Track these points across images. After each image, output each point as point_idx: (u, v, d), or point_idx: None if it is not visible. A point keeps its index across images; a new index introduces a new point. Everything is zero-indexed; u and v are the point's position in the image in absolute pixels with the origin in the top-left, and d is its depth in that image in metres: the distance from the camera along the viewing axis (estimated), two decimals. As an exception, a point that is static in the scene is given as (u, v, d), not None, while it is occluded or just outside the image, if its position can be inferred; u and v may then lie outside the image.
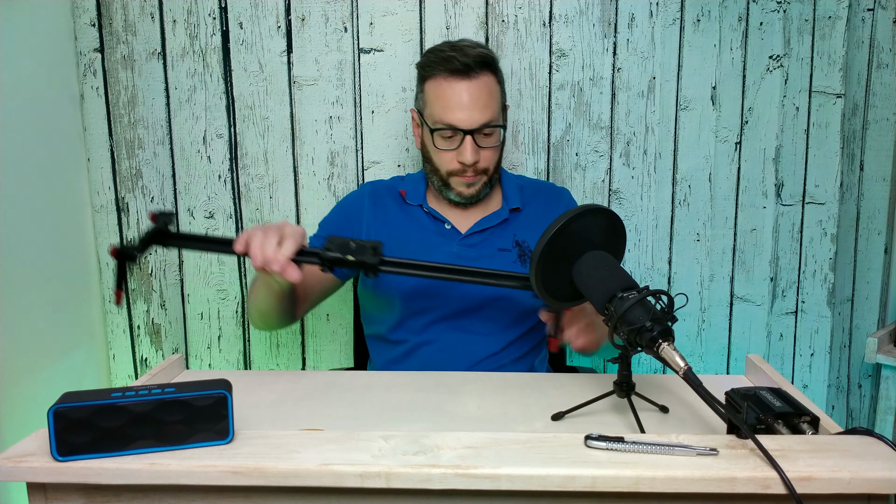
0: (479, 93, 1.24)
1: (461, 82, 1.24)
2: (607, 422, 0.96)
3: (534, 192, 1.41)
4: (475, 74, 1.24)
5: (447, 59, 1.25)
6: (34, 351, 1.44)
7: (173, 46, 1.60)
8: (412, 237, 1.34)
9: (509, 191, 1.38)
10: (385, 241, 1.31)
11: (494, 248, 1.33)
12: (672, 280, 1.74)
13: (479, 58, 1.25)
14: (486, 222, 1.34)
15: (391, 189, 1.41)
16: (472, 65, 1.24)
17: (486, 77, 1.26)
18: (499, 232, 1.35)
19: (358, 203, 1.39)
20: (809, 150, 1.71)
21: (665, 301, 0.86)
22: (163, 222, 1.10)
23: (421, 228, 1.35)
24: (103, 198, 1.65)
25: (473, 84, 1.24)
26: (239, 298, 1.70)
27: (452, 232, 1.34)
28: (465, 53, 1.24)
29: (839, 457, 0.74)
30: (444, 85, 1.25)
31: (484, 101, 1.24)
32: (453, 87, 1.24)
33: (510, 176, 1.43)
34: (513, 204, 1.36)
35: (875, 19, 1.72)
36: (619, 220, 1.00)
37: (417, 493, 0.75)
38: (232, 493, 0.77)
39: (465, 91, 1.24)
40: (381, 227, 1.35)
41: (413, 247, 1.32)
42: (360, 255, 1.06)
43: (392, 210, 1.37)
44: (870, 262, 1.86)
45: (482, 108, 1.24)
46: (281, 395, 1.07)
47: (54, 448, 0.74)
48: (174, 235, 1.11)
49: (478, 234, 1.34)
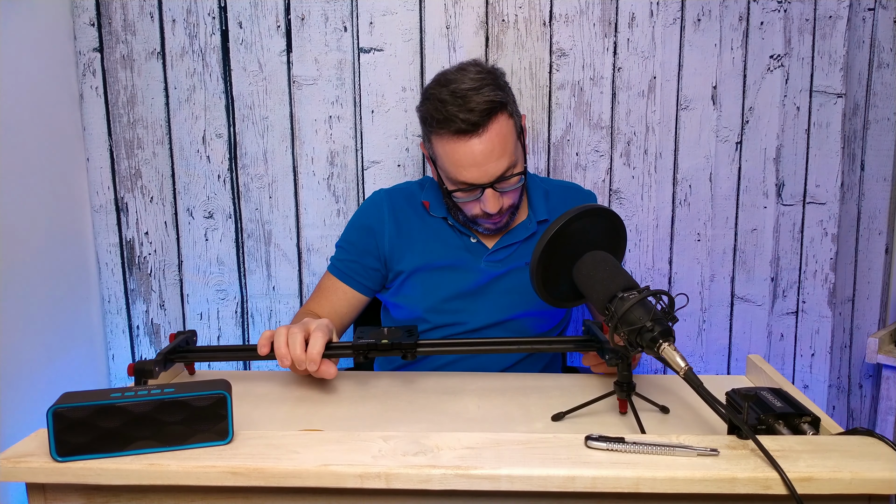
0: (491, 146, 1.14)
1: (471, 140, 1.14)
2: (607, 422, 0.96)
3: (560, 197, 1.35)
4: (484, 128, 1.13)
5: (450, 120, 1.13)
6: (34, 351, 1.44)
7: (172, 46, 1.60)
8: (437, 252, 1.28)
9: (536, 200, 1.32)
10: (409, 254, 1.29)
11: (521, 263, 1.29)
12: (672, 280, 1.74)
13: (486, 108, 1.13)
14: (514, 237, 1.29)
15: (410, 197, 1.33)
16: (479, 120, 1.13)
17: (496, 124, 1.14)
18: (527, 246, 1.29)
19: (377, 215, 1.31)
20: (810, 150, 1.71)
21: (665, 301, 0.86)
22: (183, 340, 1.08)
23: (445, 242, 1.29)
24: (102, 198, 1.65)
25: (484, 139, 1.14)
26: (239, 298, 1.70)
27: (478, 246, 1.29)
28: (468, 108, 1.12)
29: (840, 457, 0.74)
30: (453, 146, 1.15)
31: (498, 152, 1.15)
32: (462, 148, 1.14)
33: (536, 182, 1.36)
34: (540, 216, 1.30)
35: (876, 19, 1.72)
36: (620, 220, 1.00)
37: (417, 494, 0.75)
38: (232, 493, 0.76)
39: (477, 148, 1.14)
40: (405, 240, 1.29)
41: (438, 262, 1.28)
42: (395, 338, 1.01)
43: (413, 221, 1.31)
44: (870, 262, 1.86)
45: (497, 160, 1.15)
46: (281, 395, 1.07)
47: (54, 448, 0.74)
48: (196, 350, 1.09)
49: (504, 248, 1.29)
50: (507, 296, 1.28)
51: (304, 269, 1.69)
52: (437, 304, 1.28)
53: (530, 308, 1.28)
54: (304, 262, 1.69)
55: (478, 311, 1.28)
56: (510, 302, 1.28)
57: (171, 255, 1.69)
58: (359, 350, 1.00)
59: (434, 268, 1.29)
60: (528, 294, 1.21)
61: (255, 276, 1.69)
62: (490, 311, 1.28)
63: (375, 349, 1.00)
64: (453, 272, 1.28)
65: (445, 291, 1.28)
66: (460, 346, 1.07)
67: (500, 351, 1.08)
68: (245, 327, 1.72)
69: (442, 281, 1.28)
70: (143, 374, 0.97)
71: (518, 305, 1.28)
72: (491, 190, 1.17)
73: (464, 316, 1.28)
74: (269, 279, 1.69)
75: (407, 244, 1.30)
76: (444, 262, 1.28)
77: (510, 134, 1.17)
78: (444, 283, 1.28)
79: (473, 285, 1.28)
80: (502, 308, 1.28)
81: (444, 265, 1.28)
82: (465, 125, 1.13)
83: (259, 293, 1.70)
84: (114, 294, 1.69)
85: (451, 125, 1.13)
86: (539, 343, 1.09)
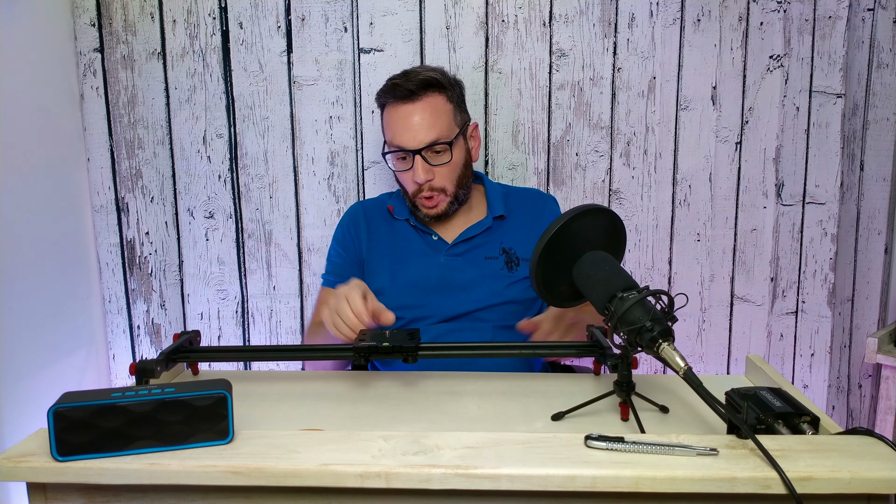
0: (423, 113, 1.30)
1: (406, 105, 1.30)
2: (607, 422, 0.96)
3: (520, 199, 1.44)
4: (419, 97, 1.30)
5: (394, 87, 1.32)
6: (34, 351, 1.44)
7: (173, 46, 1.60)
8: (402, 252, 1.38)
9: (493, 199, 1.42)
10: (378, 259, 1.39)
11: (481, 257, 1.36)
12: (672, 280, 1.74)
13: (423, 81, 1.30)
14: (471, 231, 1.38)
15: (380, 206, 1.45)
16: (415, 88, 1.30)
17: (432, 98, 1.31)
18: (484, 240, 1.38)
19: (354, 223, 1.43)
20: (810, 150, 1.71)
21: (665, 301, 0.86)
22: (186, 340, 1.08)
23: (409, 243, 1.39)
24: (103, 198, 1.65)
25: (418, 106, 1.30)
26: (239, 298, 1.70)
27: (440, 243, 1.38)
28: (409, 79, 1.31)
29: (839, 457, 0.74)
30: (392, 110, 1.32)
31: (429, 121, 1.29)
32: (399, 111, 1.31)
33: (494, 185, 1.46)
34: (497, 212, 1.39)
35: (875, 19, 1.72)
36: (620, 219, 1.00)
37: (417, 494, 0.75)
38: (232, 493, 0.77)
39: (410, 113, 1.30)
40: (375, 245, 1.40)
41: (404, 262, 1.37)
42: (397, 341, 1.02)
43: (382, 228, 1.42)
44: (870, 262, 1.86)
45: (427, 128, 1.29)
46: (281, 395, 1.07)
47: (54, 448, 0.74)
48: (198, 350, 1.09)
49: (463, 243, 1.37)
50: (469, 290, 1.34)
51: (304, 269, 1.69)
52: (404, 300, 1.32)
53: (494, 301, 1.33)
54: (304, 262, 1.69)
55: (442, 304, 1.33)
56: (473, 296, 1.33)
57: (171, 254, 1.69)
58: (360, 352, 1.00)
59: (399, 265, 1.37)
60: (490, 287, 1.33)
61: (256, 276, 1.70)
62: (454, 303, 1.33)
63: (377, 352, 1.00)
64: (416, 268, 1.36)
65: (411, 286, 1.35)
66: (462, 351, 1.08)
67: (503, 356, 1.08)
68: (245, 327, 1.72)
69: (407, 277, 1.36)
70: (145, 374, 0.97)
71: (481, 299, 1.33)
72: (420, 158, 1.30)
73: (430, 309, 1.33)
74: (269, 279, 1.70)
75: (377, 248, 1.40)
76: (407, 260, 1.37)
77: (445, 114, 1.32)
78: (408, 279, 1.35)
79: (435, 279, 1.35)
80: (466, 301, 1.33)
81: (408, 262, 1.37)
82: (403, 92, 1.30)
83: (259, 293, 1.70)
84: (114, 294, 1.69)
85: (395, 91, 1.32)
86: (541, 348, 1.09)
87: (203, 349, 1.11)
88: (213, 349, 1.12)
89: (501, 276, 1.34)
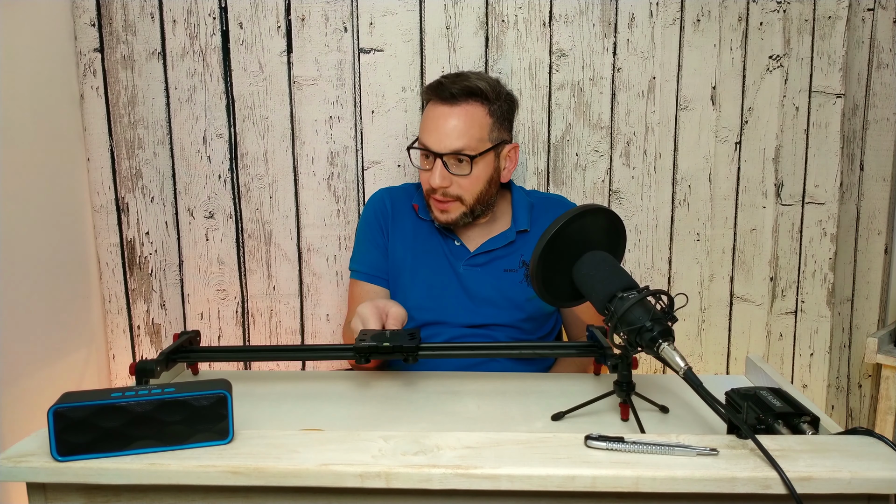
0: (457, 120, 1.27)
1: (443, 107, 1.29)
2: (607, 422, 0.96)
3: (543, 209, 1.40)
4: (458, 102, 1.28)
5: (439, 86, 1.30)
6: (35, 351, 1.44)
7: (173, 46, 1.60)
8: (423, 252, 1.36)
9: (519, 211, 1.39)
10: (401, 252, 1.36)
11: (500, 269, 1.35)
12: (672, 280, 1.74)
13: (467, 88, 1.28)
14: (494, 243, 1.36)
15: (406, 199, 1.42)
16: (457, 93, 1.28)
17: (472, 107, 1.28)
18: (505, 252, 1.36)
19: (382, 209, 1.41)
20: (809, 150, 1.71)
21: (665, 301, 0.86)
22: (187, 340, 1.08)
23: (431, 244, 1.37)
24: (103, 198, 1.65)
25: (455, 110, 1.28)
26: (239, 298, 1.70)
27: (461, 249, 1.36)
28: (455, 82, 1.29)
29: (839, 457, 0.74)
30: (431, 108, 1.31)
31: (461, 129, 1.27)
32: (436, 111, 1.30)
33: (521, 195, 1.42)
34: (521, 226, 1.37)
35: (875, 19, 1.72)
36: (619, 219, 1.00)
37: (417, 494, 0.75)
38: (232, 493, 0.77)
39: (444, 116, 1.28)
40: (398, 238, 1.38)
41: (425, 261, 1.35)
42: (397, 341, 1.01)
43: (406, 222, 1.40)
44: (870, 262, 1.86)
45: (457, 136, 1.27)
46: (281, 395, 1.07)
47: (54, 448, 0.74)
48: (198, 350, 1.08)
49: (485, 254, 1.35)
50: (486, 302, 1.33)
51: (304, 269, 1.69)
52: (422, 301, 1.32)
53: (510, 317, 1.32)
54: (304, 262, 1.69)
55: (459, 312, 1.32)
56: (489, 310, 1.32)
57: (171, 254, 1.69)
58: (360, 352, 1.00)
59: (420, 264, 1.35)
60: (508, 302, 1.31)
61: (256, 275, 1.70)
62: (470, 314, 1.32)
63: (377, 352, 1.00)
64: (436, 270, 1.35)
65: (429, 287, 1.33)
66: (462, 350, 1.08)
67: (502, 356, 1.08)
68: (245, 327, 1.72)
69: (426, 277, 1.34)
70: (145, 374, 0.97)
71: (497, 314, 1.32)
72: (440, 162, 1.27)
73: (445, 315, 1.32)
74: (269, 279, 1.70)
75: (399, 241, 1.37)
76: (428, 260, 1.35)
77: (480, 126, 1.29)
78: (427, 279, 1.34)
79: (453, 285, 1.34)
80: (481, 313, 1.32)
81: (429, 262, 1.35)
82: (445, 93, 1.28)
83: (259, 293, 1.70)
84: (114, 294, 1.69)
85: (437, 91, 1.30)
86: (541, 348, 1.10)
87: (203, 349, 1.11)
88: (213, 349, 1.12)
89: (520, 289, 1.33)
